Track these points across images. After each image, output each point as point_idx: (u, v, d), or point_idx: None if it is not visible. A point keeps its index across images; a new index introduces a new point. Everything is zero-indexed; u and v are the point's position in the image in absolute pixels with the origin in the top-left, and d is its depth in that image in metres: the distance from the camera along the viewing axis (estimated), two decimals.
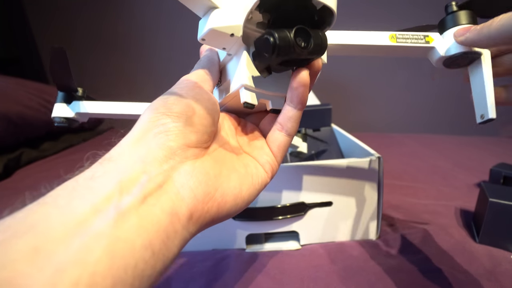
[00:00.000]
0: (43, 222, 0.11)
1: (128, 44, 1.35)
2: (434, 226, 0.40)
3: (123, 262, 0.12)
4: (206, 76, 0.20)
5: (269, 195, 0.37)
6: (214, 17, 0.17)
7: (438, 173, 0.63)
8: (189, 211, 0.15)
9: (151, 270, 0.13)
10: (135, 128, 0.16)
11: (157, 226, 0.13)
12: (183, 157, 0.16)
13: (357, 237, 0.39)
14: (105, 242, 0.11)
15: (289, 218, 0.37)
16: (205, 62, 0.21)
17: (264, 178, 0.20)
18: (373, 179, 0.36)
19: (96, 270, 0.11)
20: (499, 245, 0.35)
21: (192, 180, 0.16)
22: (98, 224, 0.12)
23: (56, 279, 0.10)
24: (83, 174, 0.14)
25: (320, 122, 0.56)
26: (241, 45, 0.20)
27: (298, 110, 0.20)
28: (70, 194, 0.13)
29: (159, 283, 0.33)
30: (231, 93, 0.21)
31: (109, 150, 0.16)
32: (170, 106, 0.17)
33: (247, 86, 0.19)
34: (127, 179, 0.14)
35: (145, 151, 0.15)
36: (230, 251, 0.38)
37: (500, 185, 0.48)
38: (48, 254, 0.10)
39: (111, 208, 0.12)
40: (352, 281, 0.31)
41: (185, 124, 0.16)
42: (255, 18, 0.18)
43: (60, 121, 0.31)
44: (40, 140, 0.85)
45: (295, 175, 0.36)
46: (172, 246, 0.14)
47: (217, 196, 0.17)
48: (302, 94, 0.19)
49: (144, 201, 0.13)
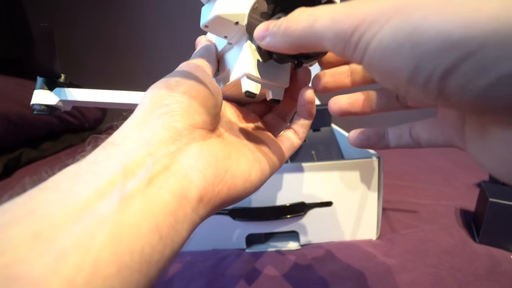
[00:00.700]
0: (44, 207, 0.11)
1: (128, 43, 1.35)
2: (434, 226, 0.40)
3: (128, 247, 0.11)
4: (205, 62, 0.20)
5: (269, 195, 0.37)
6: (220, 4, 0.17)
7: (438, 173, 0.63)
8: (199, 193, 0.14)
9: (159, 255, 0.12)
10: (137, 110, 0.16)
11: (164, 209, 0.13)
12: (190, 138, 0.15)
13: (357, 237, 0.39)
14: (109, 227, 0.11)
15: (289, 218, 0.37)
16: (202, 51, 0.21)
17: (272, 166, 0.20)
18: (373, 179, 0.36)
19: (100, 256, 0.10)
20: (499, 245, 0.35)
21: (201, 161, 0.15)
22: (102, 209, 0.11)
23: (57, 265, 0.10)
24: (86, 159, 0.13)
25: (320, 122, 0.56)
26: (243, 34, 0.20)
27: (308, 120, 0.22)
28: (72, 179, 0.12)
29: (159, 283, 0.33)
30: (232, 81, 0.21)
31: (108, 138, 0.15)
32: (172, 87, 0.16)
33: (250, 75, 0.19)
34: (132, 162, 0.13)
35: (149, 133, 0.14)
36: (230, 251, 0.38)
37: (500, 185, 0.48)
38: (49, 239, 0.10)
39: (115, 192, 0.12)
40: (352, 281, 0.31)
41: (189, 104, 0.16)
42: (260, 8, 0.18)
43: (41, 108, 0.29)
44: (40, 140, 0.85)
45: (295, 175, 0.36)
46: (181, 230, 0.13)
47: (227, 178, 0.16)
48: (310, 109, 0.21)
49: (150, 183, 0.13)
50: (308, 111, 0.21)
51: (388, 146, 0.20)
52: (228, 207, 0.37)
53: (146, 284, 0.12)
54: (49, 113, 0.29)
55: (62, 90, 0.29)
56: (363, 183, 0.36)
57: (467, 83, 0.09)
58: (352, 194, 0.37)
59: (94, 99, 0.30)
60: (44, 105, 0.29)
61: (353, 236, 0.38)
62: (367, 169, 0.36)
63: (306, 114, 0.21)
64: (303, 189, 0.37)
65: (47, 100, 0.29)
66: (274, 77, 0.21)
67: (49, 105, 0.29)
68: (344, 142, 0.51)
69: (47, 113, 0.29)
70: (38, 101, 0.29)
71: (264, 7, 0.18)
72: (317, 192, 0.37)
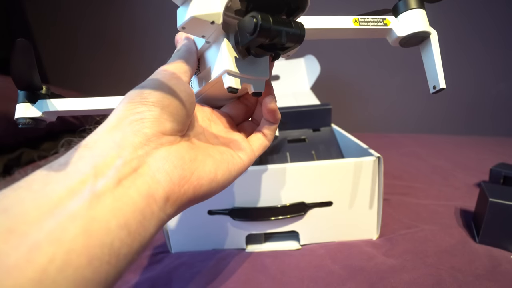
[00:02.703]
0: (17, 205, 0.12)
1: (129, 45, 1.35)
2: (434, 226, 0.40)
3: (98, 241, 0.12)
4: (184, 66, 0.20)
5: (269, 195, 0.37)
6: (194, 5, 0.18)
7: (438, 173, 0.63)
8: (166, 193, 0.15)
9: (127, 248, 0.13)
10: (111, 116, 0.17)
11: (133, 207, 0.14)
12: (158, 144, 0.16)
13: (357, 237, 0.39)
14: (80, 222, 0.12)
15: (289, 218, 0.37)
16: (183, 52, 0.21)
17: (240, 165, 0.21)
18: (373, 179, 0.36)
19: (71, 248, 0.11)
20: (499, 245, 0.35)
21: (168, 164, 0.16)
22: (73, 206, 0.12)
23: (31, 256, 0.10)
24: (58, 160, 0.14)
25: (320, 122, 0.56)
26: (220, 33, 0.20)
27: (275, 124, 0.24)
28: (44, 179, 0.13)
29: (159, 283, 0.33)
30: (213, 79, 0.21)
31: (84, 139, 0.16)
32: (146, 96, 0.17)
33: (230, 71, 0.20)
34: (102, 163, 0.14)
35: (120, 137, 0.15)
36: (230, 251, 0.38)
37: (500, 185, 0.48)
38: (23, 234, 0.11)
39: (86, 190, 0.13)
40: (352, 281, 0.31)
41: (161, 113, 0.17)
42: (233, 6, 0.19)
43: (26, 122, 0.29)
44: (40, 140, 0.85)
45: (295, 175, 0.36)
46: (149, 226, 0.14)
47: (193, 180, 0.17)
48: (274, 116, 0.24)
49: (119, 184, 0.14)
50: (273, 118, 0.24)
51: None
52: (228, 207, 0.37)
53: (115, 274, 0.13)
54: (35, 125, 0.29)
55: (44, 102, 0.29)
56: (363, 183, 0.36)
57: None
58: (352, 194, 0.37)
59: (77, 107, 0.30)
60: (28, 119, 0.29)
61: (353, 236, 0.38)
62: (367, 169, 0.36)
63: (272, 120, 0.24)
64: (303, 189, 0.37)
65: (31, 113, 0.29)
66: (253, 71, 0.21)
67: (33, 118, 0.29)
68: (344, 142, 0.51)
69: (33, 126, 0.29)
70: (21, 114, 0.29)
71: (237, 4, 0.19)
72: (317, 192, 0.37)
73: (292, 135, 0.54)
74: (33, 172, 0.14)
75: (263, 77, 0.22)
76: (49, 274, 0.10)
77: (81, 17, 1.33)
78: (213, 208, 0.37)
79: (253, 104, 0.27)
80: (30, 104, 0.29)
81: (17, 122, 0.29)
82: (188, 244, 0.39)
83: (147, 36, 1.33)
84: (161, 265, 0.36)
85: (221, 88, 0.21)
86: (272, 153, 0.50)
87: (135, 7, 1.31)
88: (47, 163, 0.14)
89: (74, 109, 0.30)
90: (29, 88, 0.29)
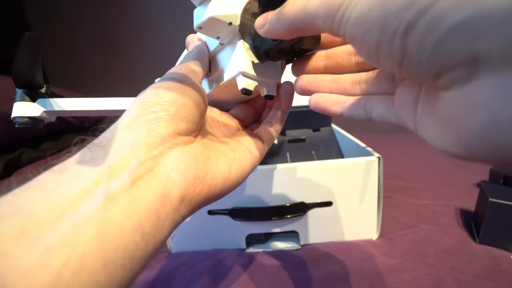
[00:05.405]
0: (30, 206, 0.11)
1: (129, 44, 1.35)
2: (434, 226, 0.40)
3: (113, 244, 0.12)
4: (197, 67, 0.20)
5: (269, 195, 0.37)
6: (213, 6, 0.18)
7: (438, 173, 0.63)
8: (181, 194, 0.15)
9: (141, 251, 0.13)
10: (125, 114, 0.16)
11: (147, 209, 0.13)
12: (173, 143, 0.16)
13: (357, 237, 0.39)
14: (94, 225, 0.11)
15: (289, 218, 0.37)
16: (195, 53, 0.21)
17: (252, 161, 0.21)
18: (373, 179, 0.36)
19: (85, 251, 0.11)
20: (499, 245, 0.35)
21: (182, 164, 0.16)
22: (87, 208, 0.12)
23: (45, 259, 0.10)
24: (71, 159, 0.14)
25: (320, 122, 0.56)
26: (236, 34, 0.20)
27: (285, 113, 0.24)
28: (57, 179, 0.13)
29: (159, 283, 0.33)
30: (226, 81, 0.21)
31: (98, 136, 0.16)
32: (161, 95, 0.17)
33: (245, 73, 0.20)
34: (116, 163, 0.14)
35: (134, 137, 0.15)
36: (230, 251, 0.38)
37: (500, 185, 0.48)
38: (36, 236, 0.10)
39: (99, 191, 0.12)
40: (352, 281, 0.31)
41: (176, 113, 0.17)
42: (251, 8, 0.19)
43: (23, 121, 0.27)
44: (40, 140, 0.85)
45: (295, 175, 0.36)
46: (163, 229, 0.14)
47: (207, 179, 0.17)
48: (290, 100, 0.24)
49: (134, 184, 0.13)
50: (288, 102, 0.24)
51: (341, 114, 0.20)
52: (228, 207, 0.37)
53: (129, 278, 0.12)
54: (32, 126, 0.28)
55: (46, 101, 0.28)
56: (363, 183, 0.36)
57: (424, 38, 0.10)
58: (352, 194, 0.37)
59: (78, 107, 0.29)
60: (27, 118, 0.27)
61: (353, 236, 0.38)
62: (367, 169, 0.36)
63: (286, 105, 0.24)
64: (303, 189, 0.37)
65: (30, 112, 0.28)
66: (267, 74, 0.21)
67: (32, 117, 0.28)
68: (344, 142, 0.51)
69: (30, 126, 0.28)
70: (20, 113, 0.27)
71: (255, 7, 0.19)
72: (317, 192, 0.37)
73: (292, 135, 0.54)
74: (46, 171, 0.13)
75: (276, 80, 0.22)
76: (64, 279, 0.10)
77: (80, 17, 1.33)
78: (213, 208, 0.37)
79: (261, 107, 0.26)
80: (30, 102, 0.28)
81: (14, 121, 0.28)
82: (188, 244, 0.39)
83: (146, 36, 1.33)
84: (161, 265, 0.36)
85: (232, 90, 0.21)
86: (272, 154, 0.50)
87: (134, 8, 1.31)
88: (60, 162, 0.14)
89: (75, 109, 0.29)
90: (30, 86, 0.28)
